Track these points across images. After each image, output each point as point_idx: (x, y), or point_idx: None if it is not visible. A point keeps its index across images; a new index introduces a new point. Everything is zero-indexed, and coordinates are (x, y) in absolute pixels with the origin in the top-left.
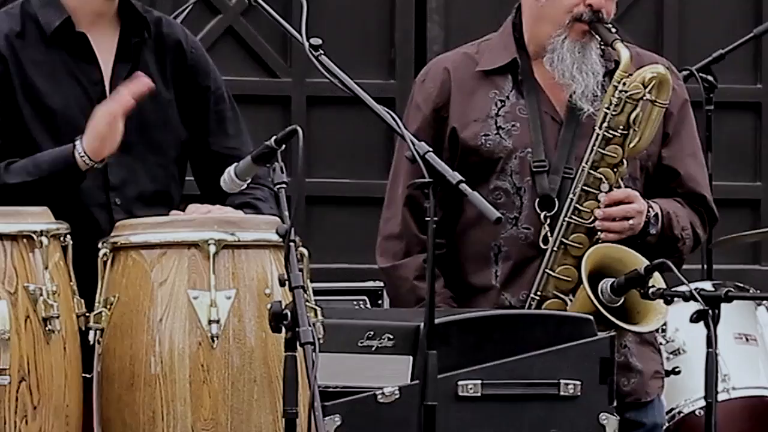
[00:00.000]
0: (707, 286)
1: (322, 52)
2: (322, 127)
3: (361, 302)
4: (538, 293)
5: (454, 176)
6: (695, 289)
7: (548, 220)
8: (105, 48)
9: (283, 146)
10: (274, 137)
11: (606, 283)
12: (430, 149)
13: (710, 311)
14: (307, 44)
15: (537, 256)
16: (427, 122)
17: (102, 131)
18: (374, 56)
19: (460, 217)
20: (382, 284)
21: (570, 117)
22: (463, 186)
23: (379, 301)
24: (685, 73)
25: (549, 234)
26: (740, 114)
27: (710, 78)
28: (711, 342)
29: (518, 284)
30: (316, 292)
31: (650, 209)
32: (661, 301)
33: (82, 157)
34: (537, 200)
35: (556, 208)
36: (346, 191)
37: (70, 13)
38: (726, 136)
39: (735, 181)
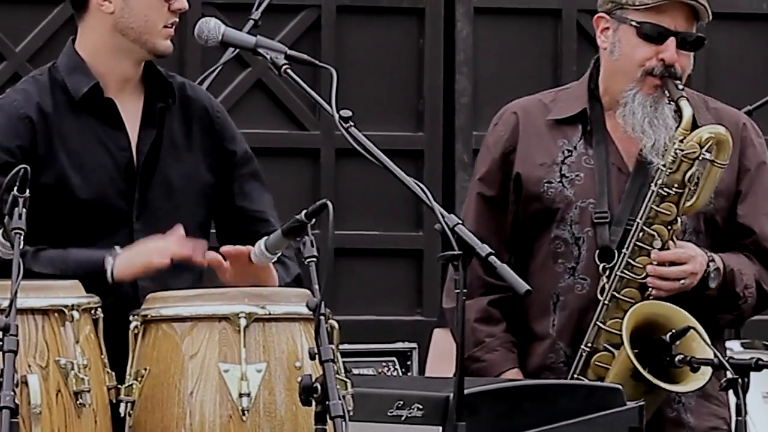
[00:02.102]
0: (736, 345)
1: (352, 123)
2: (351, 180)
3: (390, 363)
4: (589, 345)
5: (483, 248)
6: (725, 357)
7: (607, 272)
8: (131, 113)
9: (314, 220)
10: (304, 211)
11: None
12: (460, 221)
13: (740, 380)
14: (337, 116)
15: (593, 307)
16: (496, 165)
17: (140, 264)
18: (403, 108)
19: (530, 261)
20: (411, 345)
21: (638, 169)
22: (493, 258)
23: (408, 362)
24: None
25: (607, 286)
26: None
27: None
28: (741, 410)
29: (573, 334)
30: (346, 354)
31: (711, 263)
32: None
33: (110, 273)
34: (597, 251)
35: (615, 260)
36: (375, 243)
37: (98, 78)
38: None
39: None
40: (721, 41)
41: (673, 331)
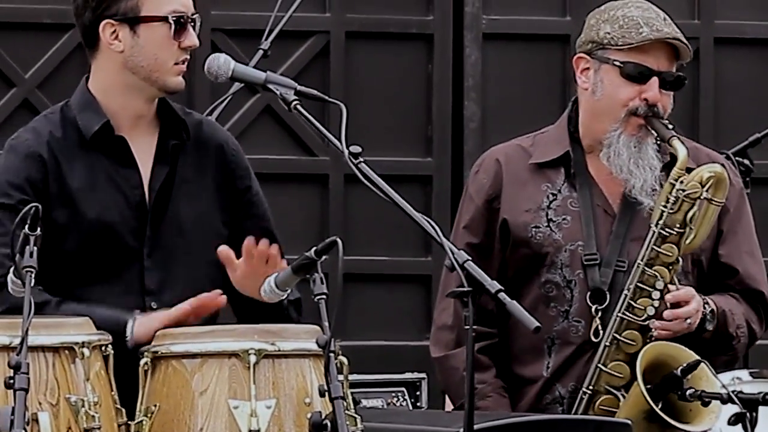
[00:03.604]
0: (745, 375)
1: (361, 160)
2: (360, 205)
3: (399, 394)
4: (590, 388)
5: (493, 285)
6: (733, 392)
7: (599, 314)
8: (144, 150)
9: (324, 258)
10: (314, 248)
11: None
12: (469, 258)
13: (748, 414)
14: (347, 152)
15: (588, 349)
16: (480, 213)
17: (158, 328)
18: (412, 134)
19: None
20: (421, 375)
21: (624, 210)
22: (503, 295)
23: (418, 393)
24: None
25: (600, 327)
26: None
27: (746, 162)
28: None
29: (569, 376)
30: (354, 384)
31: (706, 306)
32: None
33: (130, 337)
34: (588, 293)
35: (607, 301)
36: (383, 268)
37: (109, 116)
38: (761, 212)
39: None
40: (729, 67)
41: (685, 365)
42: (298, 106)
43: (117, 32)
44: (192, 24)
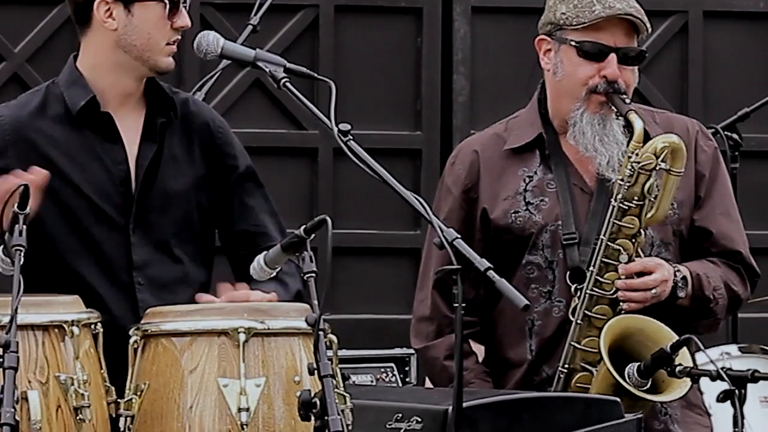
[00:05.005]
0: (734, 350)
1: (351, 137)
2: (349, 179)
3: (388, 369)
4: (566, 366)
5: (482, 263)
6: (722, 368)
7: (578, 293)
8: (131, 128)
9: (312, 236)
10: (303, 227)
11: (632, 368)
12: (458, 236)
13: (737, 391)
14: (336, 130)
15: (569, 328)
16: (458, 204)
17: None
18: (401, 107)
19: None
20: (409, 351)
21: (600, 188)
22: (491, 273)
23: (407, 368)
24: (710, 131)
25: (579, 306)
26: (765, 163)
27: (735, 136)
28: (737, 422)
29: (555, 356)
30: (343, 360)
31: (677, 273)
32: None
33: None
34: (567, 273)
35: (587, 280)
36: (373, 242)
37: (97, 94)
38: (750, 185)
39: (759, 229)
40: (718, 40)
41: (674, 341)
42: (288, 84)
43: (111, 10)
44: (184, 4)
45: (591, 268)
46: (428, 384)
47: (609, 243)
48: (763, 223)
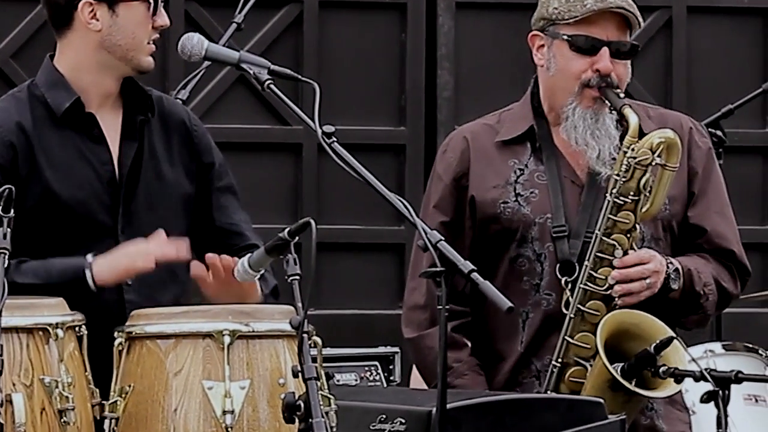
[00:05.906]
0: (717, 347)
1: (335, 139)
2: (333, 174)
3: (372, 368)
4: (559, 360)
5: (466, 265)
6: (706, 369)
7: (569, 285)
8: (111, 127)
9: (296, 239)
10: (287, 229)
11: (617, 367)
12: (442, 238)
13: (721, 392)
14: (320, 131)
15: (560, 322)
16: (448, 191)
17: (123, 268)
18: (385, 103)
19: (492, 282)
20: (394, 350)
21: (591, 181)
22: (475, 275)
23: (391, 366)
24: None
25: (571, 299)
26: (749, 158)
27: (719, 133)
28: (721, 422)
29: (545, 349)
30: (328, 359)
31: (670, 265)
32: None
33: (91, 279)
34: (557, 266)
35: (576, 273)
36: (357, 237)
37: (78, 94)
38: (733, 181)
39: (742, 225)
40: (702, 36)
41: (658, 341)
42: (272, 86)
43: (95, 11)
44: (163, 3)
45: (586, 263)
46: (414, 377)
47: (604, 238)
48: (747, 218)
